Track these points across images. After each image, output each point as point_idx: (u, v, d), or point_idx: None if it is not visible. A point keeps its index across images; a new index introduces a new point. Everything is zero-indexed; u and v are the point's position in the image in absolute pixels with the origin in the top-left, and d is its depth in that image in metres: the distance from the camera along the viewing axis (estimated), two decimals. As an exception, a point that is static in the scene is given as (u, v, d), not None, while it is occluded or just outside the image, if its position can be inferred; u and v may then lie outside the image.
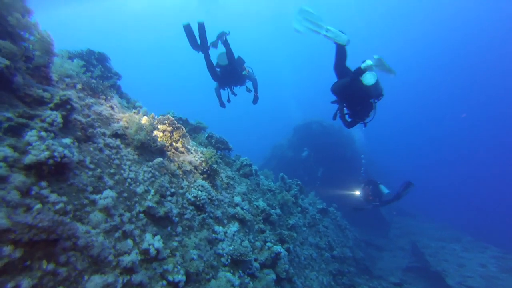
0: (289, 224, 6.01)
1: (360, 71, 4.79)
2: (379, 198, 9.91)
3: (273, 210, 5.39)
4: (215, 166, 4.77)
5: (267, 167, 17.32)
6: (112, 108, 3.56)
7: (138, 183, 2.88)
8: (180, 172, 3.89)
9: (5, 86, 2.13)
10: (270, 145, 20.84)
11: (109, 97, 3.68)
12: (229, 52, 6.50)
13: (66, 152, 1.98)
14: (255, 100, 7.59)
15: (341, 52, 5.21)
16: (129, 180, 2.79)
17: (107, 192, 2.27)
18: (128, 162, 2.98)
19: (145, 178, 3.03)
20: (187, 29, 6.11)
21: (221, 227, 3.83)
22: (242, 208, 4.70)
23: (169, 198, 3.20)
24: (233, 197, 4.79)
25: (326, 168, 17.49)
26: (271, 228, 5.28)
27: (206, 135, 5.82)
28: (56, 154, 1.86)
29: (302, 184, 8.06)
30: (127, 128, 3.30)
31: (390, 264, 12.41)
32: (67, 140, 2.18)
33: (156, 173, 3.24)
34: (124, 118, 3.46)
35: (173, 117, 5.68)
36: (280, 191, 6.93)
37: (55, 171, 1.95)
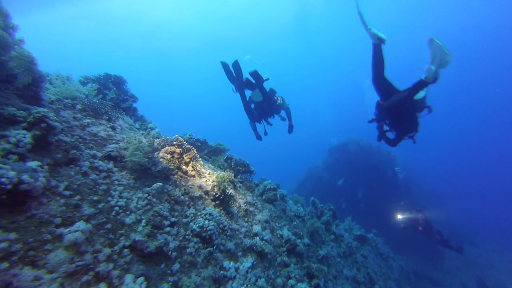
0: (320, 255, 5.25)
1: (424, 84, 4.21)
2: (430, 230, 10.04)
3: (299, 240, 4.73)
4: (230, 191, 4.32)
5: (301, 190, 16.57)
6: (113, 129, 3.33)
7: (128, 212, 2.52)
8: (187, 199, 3.49)
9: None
10: (305, 168, 20.04)
11: (113, 118, 3.49)
12: (262, 89, 6.56)
13: (25, 177, 1.67)
14: (290, 129, 7.46)
15: (377, 55, 4.74)
16: (117, 208, 2.44)
17: (79, 224, 1.91)
18: (120, 188, 2.64)
19: (139, 206, 2.66)
20: (224, 64, 6.31)
21: (232, 262, 3.30)
22: (262, 239, 4.14)
23: (167, 229, 2.79)
24: (251, 226, 4.26)
25: (367, 188, 16.23)
26: (298, 260, 4.60)
27: (225, 157, 5.44)
28: (3, 180, 1.55)
29: (335, 209, 7.24)
30: (125, 149, 3.02)
31: (449, 302, 10.64)
32: (33, 164, 1.89)
33: (154, 200, 2.87)
34: (125, 140, 3.20)
35: (191, 138, 5.43)
36: (310, 217, 6.24)
37: (9, 201, 1.64)
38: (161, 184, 3.06)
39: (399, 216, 10.83)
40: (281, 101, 7.02)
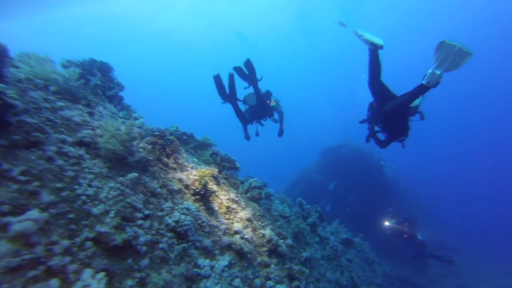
0: (303, 257, 5.15)
1: (426, 88, 4.07)
2: (414, 240, 10.32)
3: (282, 241, 4.62)
4: (212, 186, 4.19)
5: (292, 192, 16.48)
6: (91, 115, 3.17)
7: (97, 202, 2.37)
8: (165, 192, 3.35)
9: None
10: (297, 169, 19.98)
11: (93, 104, 3.32)
12: (257, 93, 6.58)
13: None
14: (280, 133, 7.49)
15: (374, 61, 4.72)
16: (84, 197, 2.28)
17: (32, 213, 1.75)
18: (90, 176, 2.49)
19: (110, 196, 2.51)
20: (217, 79, 6.23)
21: (208, 260, 3.17)
22: (242, 237, 4.02)
23: (139, 222, 2.64)
24: (232, 223, 4.13)
25: (357, 194, 16.27)
26: (279, 261, 4.48)
27: (211, 152, 5.31)
28: None
29: (322, 211, 7.16)
30: (101, 137, 2.86)
31: (431, 309, 10.68)
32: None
33: (127, 190, 2.72)
34: (103, 127, 3.04)
35: (177, 131, 5.28)
36: (296, 218, 6.14)
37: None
38: (137, 174, 2.92)
39: (386, 223, 10.96)
40: (275, 104, 7.00)
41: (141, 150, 3.43)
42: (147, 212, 2.82)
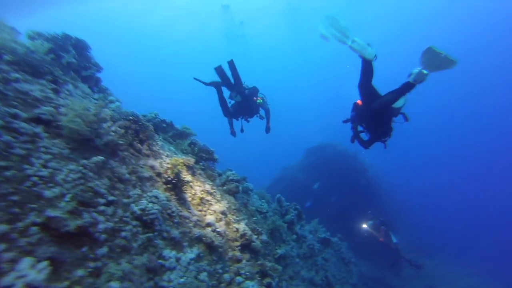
0: (277, 254, 5.09)
1: (412, 86, 4.12)
2: (389, 244, 10.62)
3: (256, 236, 4.53)
4: (186, 176, 4.04)
5: (274, 189, 16.43)
6: (56, 92, 2.94)
7: (52, 185, 2.18)
8: (134, 178, 3.17)
9: None
10: (281, 167, 19.95)
11: (60, 81, 3.09)
12: (242, 92, 6.49)
13: None
14: (267, 130, 7.44)
15: (367, 68, 4.65)
16: (35, 179, 2.09)
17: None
18: (47, 156, 2.30)
19: (69, 179, 2.32)
20: (219, 71, 6.12)
21: (174, 252, 3.03)
22: (214, 230, 3.89)
23: (101, 208, 2.47)
24: (205, 215, 4.00)
25: (339, 195, 16.40)
26: (252, 257, 4.39)
27: (189, 142, 5.14)
28: None
29: (301, 209, 7.13)
30: (66, 116, 2.66)
31: (401, 309, 10.94)
32: None
33: (91, 174, 2.53)
34: (69, 105, 2.83)
35: (155, 118, 5.09)
36: (273, 214, 6.06)
37: None
38: (103, 158, 2.73)
39: (364, 225, 11.14)
40: (261, 101, 6.92)
41: (112, 133, 3.24)
42: (111, 198, 2.65)
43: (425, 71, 3.86)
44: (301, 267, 6.07)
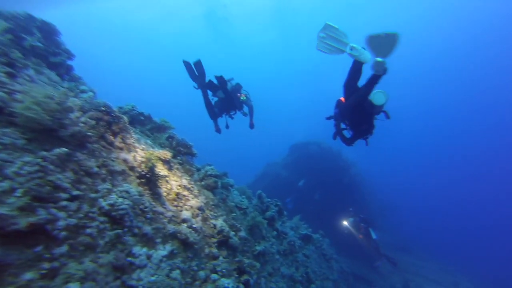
0: (256, 251, 5.03)
1: (377, 77, 4.32)
2: (369, 241, 10.79)
3: (234, 232, 4.45)
4: (162, 171, 3.91)
5: (258, 185, 16.43)
6: (12, 76, 2.74)
7: (0, 178, 2.01)
8: (104, 172, 3.02)
9: None
10: (265, 163, 19.93)
11: (19, 65, 2.88)
12: (225, 89, 6.58)
13: None
14: (251, 126, 7.51)
15: (357, 69, 4.69)
16: (-20, 171, 1.92)
17: None
18: (-1, 147, 2.12)
19: (23, 172, 2.15)
20: (187, 64, 6.24)
21: (145, 249, 2.90)
22: (190, 226, 3.78)
23: (63, 203, 2.31)
24: (181, 211, 3.87)
25: (323, 192, 16.54)
26: (229, 254, 4.31)
27: (167, 135, 4.98)
28: None
29: (282, 205, 7.10)
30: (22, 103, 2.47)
31: (379, 303, 11.20)
32: None
33: (51, 167, 2.37)
34: (28, 92, 2.63)
35: (132, 110, 4.90)
36: (253, 210, 6.00)
37: None
38: (67, 150, 2.56)
39: (345, 222, 11.31)
40: (245, 98, 6.96)
41: (81, 124, 3.06)
42: (76, 192, 2.49)
43: (379, 59, 4.03)
44: (281, 263, 6.04)
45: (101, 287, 2.25)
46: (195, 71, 6.34)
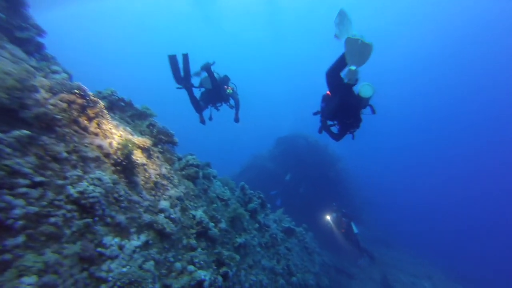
0: (237, 243, 4.95)
1: (348, 86, 4.46)
2: (351, 234, 10.88)
3: (213, 224, 4.35)
4: (140, 159, 3.75)
5: (243, 177, 16.31)
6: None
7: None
8: (74, 158, 2.84)
9: None
10: (251, 155, 19.81)
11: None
12: (213, 79, 6.44)
13: None
14: (236, 119, 7.43)
15: (343, 60, 4.58)
16: None
17: None
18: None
19: (-24, 154, 1.97)
20: (172, 60, 6.08)
21: (117, 239, 2.76)
22: (168, 217, 3.65)
23: (22, 190, 2.14)
24: (159, 200, 3.74)
25: (308, 185, 16.60)
26: (208, 245, 4.22)
27: (148, 123, 4.79)
28: None
29: (265, 198, 7.05)
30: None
31: (358, 294, 11.45)
32: None
33: (7, 150, 2.18)
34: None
35: (112, 95, 4.68)
36: (235, 202, 5.91)
37: None
38: (28, 132, 2.38)
39: (327, 217, 11.43)
40: (231, 91, 6.91)
41: (49, 106, 2.86)
42: (39, 179, 2.32)
43: (352, 68, 4.12)
44: (262, 256, 6.01)
45: (64, 279, 2.11)
46: (181, 69, 6.18)
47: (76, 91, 3.30)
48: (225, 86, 6.90)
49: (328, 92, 5.47)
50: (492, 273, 17.86)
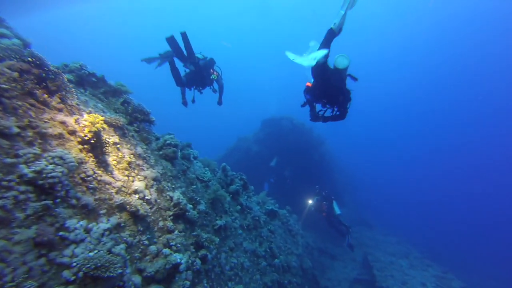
0: (217, 225, 4.83)
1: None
2: (332, 216, 10.80)
3: (191, 205, 4.18)
4: (112, 137, 3.48)
5: (228, 160, 16.10)
6: None
7: None
8: (30, 134, 2.55)
9: None
10: (236, 137, 19.50)
11: None
12: (193, 59, 6.34)
13: None
14: (219, 103, 7.38)
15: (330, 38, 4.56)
16: None
17: None
18: None
19: None
20: (172, 41, 5.95)
21: (83, 222, 2.55)
22: (142, 198, 3.45)
23: (-35, 166, 1.88)
24: (132, 181, 3.51)
25: (293, 168, 16.59)
26: (187, 228, 4.06)
27: (122, 100, 4.48)
28: None
29: (247, 179, 6.92)
30: None
31: (340, 274, 11.73)
32: None
33: None
34: None
35: (81, 69, 4.31)
36: (216, 183, 5.74)
37: None
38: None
39: (310, 201, 11.49)
40: (216, 77, 6.79)
41: None
42: (-15, 156, 2.05)
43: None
44: (244, 238, 5.94)
45: (14, 267, 1.90)
46: (184, 48, 5.98)
47: (29, 59, 2.96)
48: (211, 70, 6.71)
49: (307, 83, 5.34)
50: (466, 252, 18.90)
